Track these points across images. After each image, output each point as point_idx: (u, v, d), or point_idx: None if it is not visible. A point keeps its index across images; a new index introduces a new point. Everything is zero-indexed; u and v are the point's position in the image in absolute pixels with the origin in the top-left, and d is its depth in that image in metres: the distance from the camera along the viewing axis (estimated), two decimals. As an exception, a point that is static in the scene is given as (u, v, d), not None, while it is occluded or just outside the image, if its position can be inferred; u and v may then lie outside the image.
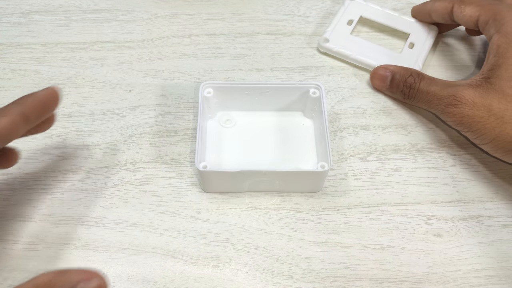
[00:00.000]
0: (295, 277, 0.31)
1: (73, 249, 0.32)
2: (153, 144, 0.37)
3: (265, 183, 0.33)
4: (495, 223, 0.34)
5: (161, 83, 0.40)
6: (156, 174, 0.36)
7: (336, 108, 0.39)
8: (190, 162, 0.36)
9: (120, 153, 0.36)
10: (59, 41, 0.43)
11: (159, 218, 0.34)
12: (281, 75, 0.41)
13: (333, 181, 0.36)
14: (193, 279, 0.31)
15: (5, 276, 0.31)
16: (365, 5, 0.45)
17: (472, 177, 0.36)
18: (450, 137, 0.38)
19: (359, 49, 0.42)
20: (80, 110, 0.39)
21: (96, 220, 0.33)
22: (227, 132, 0.37)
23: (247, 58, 0.42)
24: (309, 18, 0.46)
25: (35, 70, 0.41)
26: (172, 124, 0.38)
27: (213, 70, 0.41)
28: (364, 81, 0.41)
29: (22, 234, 0.33)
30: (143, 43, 0.43)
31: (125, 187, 0.35)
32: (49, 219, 0.33)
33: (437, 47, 0.44)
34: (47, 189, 0.35)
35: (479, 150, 0.37)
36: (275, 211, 0.34)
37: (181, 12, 0.46)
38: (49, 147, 0.37)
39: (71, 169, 0.36)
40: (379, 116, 0.39)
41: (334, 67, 0.42)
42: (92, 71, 0.41)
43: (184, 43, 0.43)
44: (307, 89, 0.36)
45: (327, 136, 0.33)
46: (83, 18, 0.45)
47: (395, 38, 0.44)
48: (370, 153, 0.37)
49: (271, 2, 0.47)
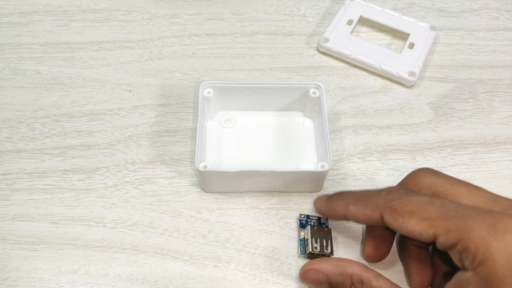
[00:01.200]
0: (295, 277, 0.31)
1: (73, 249, 0.32)
2: (153, 144, 0.37)
3: (265, 183, 0.33)
4: (495, 223, 0.34)
5: (161, 83, 0.40)
6: (156, 174, 0.35)
7: (336, 108, 0.39)
8: (190, 162, 0.36)
9: (120, 153, 0.36)
10: (59, 41, 0.43)
11: (159, 218, 0.34)
12: (281, 75, 0.41)
13: (333, 181, 0.36)
14: (193, 279, 0.31)
15: (5, 276, 0.31)
16: (365, 5, 0.45)
17: (472, 177, 0.36)
18: (450, 137, 0.38)
19: (359, 49, 0.42)
20: (80, 110, 0.39)
21: (96, 220, 0.33)
22: (227, 132, 0.37)
23: (247, 58, 0.42)
24: (309, 18, 0.46)
25: (35, 70, 0.41)
26: (172, 124, 0.38)
27: (213, 70, 0.41)
28: (364, 81, 0.41)
29: (22, 234, 0.33)
30: (143, 43, 0.43)
31: (125, 187, 0.35)
32: (49, 219, 0.33)
33: (437, 47, 0.44)
34: (47, 189, 0.35)
35: (479, 150, 0.37)
36: (275, 211, 0.34)
37: (181, 12, 0.46)
38: (49, 147, 0.37)
39: (71, 169, 0.36)
40: (379, 116, 0.39)
41: (334, 67, 0.42)
42: (92, 71, 0.41)
43: (184, 43, 0.43)
44: (307, 89, 0.36)
45: (327, 136, 0.33)
46: (83, 18, 0.45)
47: (395, 38, 0.44)
48: (370, 153, 0.37)
49: (271, 2, 0.47)
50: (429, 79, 0.42)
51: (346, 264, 0.28)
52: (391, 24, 0.44)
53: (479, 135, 0.38)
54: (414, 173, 0.28)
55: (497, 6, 0.47)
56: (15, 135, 0.37)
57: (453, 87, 0.41)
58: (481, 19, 0.46)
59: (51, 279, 0.31)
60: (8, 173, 0.35)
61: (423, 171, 0.28)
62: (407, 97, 0.40)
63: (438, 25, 0.45)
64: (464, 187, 0.26)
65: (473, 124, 0.39)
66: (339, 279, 0.28)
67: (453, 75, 0.42)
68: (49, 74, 0.41)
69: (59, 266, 0.32)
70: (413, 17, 0.44)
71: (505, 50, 0.44)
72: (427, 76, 0.42)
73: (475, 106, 0.40)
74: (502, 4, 0.47)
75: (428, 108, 0.40)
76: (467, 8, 0.47)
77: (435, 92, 0.41)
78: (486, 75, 0.42)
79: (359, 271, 0.28)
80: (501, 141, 0.38)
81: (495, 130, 0.39)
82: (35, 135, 0.37)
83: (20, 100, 0.39)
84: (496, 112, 0.40)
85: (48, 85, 0.40)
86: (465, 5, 0.47)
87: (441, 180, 0.27)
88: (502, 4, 0.47)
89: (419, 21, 0.44)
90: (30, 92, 0.40)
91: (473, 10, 0.47)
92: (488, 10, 0.47)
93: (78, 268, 0.31)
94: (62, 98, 0.39)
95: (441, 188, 0.26)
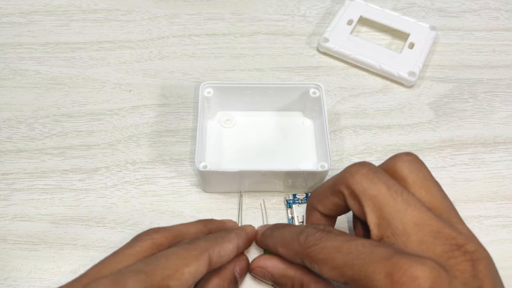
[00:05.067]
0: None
1: (73, 249, 0.32)
2: (153, 144, 0.37)
3: (265, 183, 0.33)
4: (495, 223, 0.34)
5: (161, 83, 0.40)
6: (156, 174, 0.35)
7: (336, 108, 0.39)
8: (190, 162, 0.36)
9: (120, 153, 0.36)
10: (59, 41, 0.43)
11: (159, 218, 0.34)
12: (281, 75, 0.41)
13: (333, 181, 0.36)
14: (193, 279, 0.31)
15: (5, 276, 0.31)
16: (365, 5, 0.45)
17: (472, 177, 0.36)
18: (450, 137, 0.38)
19: (359, 49, 0.42)
20: (80, 110, 0.39)
21: (96, 220, 0.33)
22: (227, 132, 0.37)
23: (247, 58, 0.42)
24: (309, 18, 0.46)
25: (35, 70, 0.41)
26: (172, 124, 0.38)
27: (213, 70, 0.41)
28: (364, 81, 0.41)
29: (22, 234, 0.33)
30: (143, 43, 0.43)
31: (125, 187, 0.35)
32: (49, 219, 0.33)
33: (437, 47, 0.44)
34: (47, 189, 0.35)
35: (479, 150, 0.37)
36: (275, 211, 0.34)
37: (181, 12, 0.46)
38: (49, 147, 0.37)
39: (71, 169, 0.36)
40: (379, 116, 0.39)
41: (334, 67, 0.42)
42: (92, 71, 0.41)
43: (184, 43, 0.43)
44: (307, 89, 0.36)
45: (327, 136, 0.33)
46: (83, 18, 0.45)
47: (395, 38, 0.44)
48: (370, 153, 0.37)
49: (271, 2, 0.47)
50: (429, 79, 0.42)
51: (289, 266, 0.28)
52: (391, 24, 0.44)
53: (479, 135, 0.38)
54: (396, 158, 0.27)
55: (497, 6, 0.47)
56: (15, 135, 0.37)
57: (453, 87, 0.41)
58: (481, 19, 0.46)
59: (51, 279, 0.31)
60: (8, 173, 0.35)
61: (404, 160, 0.27)
62: (407, 97, 0.40)
63: (438, 25, 0.45)
64: (423, 191, 0.25)
65: (473, 124, 0.39)
66: (281, 280, 0.29)
67: (453, 75, 0.42)
68: (49, 74, 0.41)
69: (59, 266, 0.32)
70: (413, 17, 0.44)
71: (505, 50, 0.44)
72: (427, 76, 0.42)
73: (475, 106, 0.40)
74: (502, 4, 0.47)
75: (428, 108, 0.40)
76: (467, 8, 0.47)
77: (435, 92, 0.41)
78: (486, 75, 0.42)
79: (300, 275, 0.28)
80: (501, 141, 0.38)
81: (495, 130, 0.39)
82: (35, 135, 0.37)
83: (20, 100, 0.39)
84: (496, 112, 0.40)
85: (48, 85, 0.40)
86: (465, 5, 0.47)
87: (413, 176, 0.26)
88: (502, 4, 0.47)
89: (419, 21, 0.44)
90: (30, 92, 0.40)
91: (473, 10, 0.47)
92: (488, 10, 0.47)
93: (78, 268, 0.31)
94: (62, 98, 0.39)
95: (410, 180, 0.26)
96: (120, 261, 0.24)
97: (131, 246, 0.25)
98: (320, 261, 0.24)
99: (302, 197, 0.34)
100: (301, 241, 0.25)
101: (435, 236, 0.23)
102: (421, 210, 0.23)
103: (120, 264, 0.24)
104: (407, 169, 0.26)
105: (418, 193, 0.25)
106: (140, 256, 0.25)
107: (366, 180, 0.25)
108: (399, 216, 0.23)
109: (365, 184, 0.25)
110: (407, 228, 0.23)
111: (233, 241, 0.28)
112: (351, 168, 0.26)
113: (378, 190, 0.24)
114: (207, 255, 0.25)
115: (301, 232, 0.26)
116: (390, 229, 0.23)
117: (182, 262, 0.24)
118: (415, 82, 0.41)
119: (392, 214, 0.23)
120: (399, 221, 0.23)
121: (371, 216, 0.24)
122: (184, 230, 0.28)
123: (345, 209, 0.27)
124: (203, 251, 0.25)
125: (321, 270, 0.24)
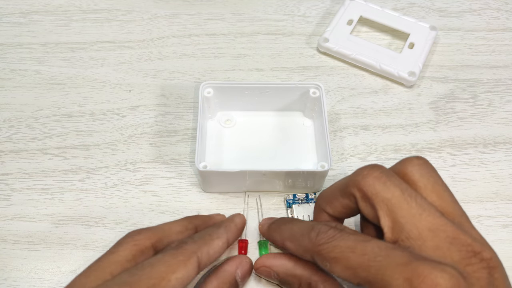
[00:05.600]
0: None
1: (73, 249, 0.32)
2: (153, 144, 0.37)
3: (265, 183, 0.33)
4: (495, 223, 0.34)
5: (161, 83, 0.40)
6: (156, 174, 0.35)
7: (336, 108, 0.39)
8: (190, 162, 0.36)
9: (120, 153, 0.36)
10: (59, 41, 0.43)
11: (159, 218, 0.34)
12: (281, 75, 0.41)
13: (333, 181, 0.35)
14: (193, 279, 0.31)
15: (5, 276, 0.31)
16: (365, 5, 0.45)
17: (472, 177, 0.36)
18: (450, 137, 0.38)
19: (359, 49, 0.42)
20: (80, 110, 0.39)
21: (96, 220, 0.33)
22: (227, 132, 0.37)
23: (247, 58, 0.42)
24: (309, 18, 0.46)
25: (35, 70, 0.41)
26: (172, 124, 0.38)
27: (213, 70, 0.41)
28: (364, 81, 0.41)
29: (22, 234, 0.33)
30: (143, 43, 0.43)
31: (125, 187, 0.35)
32: (49, 219, 0.33)
33: (437, 47, 0.44)
34: (47, 189, 0.35)
35: (479, 150, 0.37)
36: (275, 211, 0.34)
37: (181, 12, 0.46)
38: (49, 147, 0.37)
39: (71, 169, 0.36)
40: (379, 116, 0.39)
41: (334, 67, 0.42)
42: (92, 71, 0.41)
43: (184, 43, 0.43)
44: (307, 89, 0.36)
45: (327, 136, 0.33)
46: (83, 18, 0.45)
47: (395, 38, 0.44)
48: (370, 153, 0.37)
49: (271, 2, 0.47)
50: (429, 79, 0.42)
51: (296, 265, 0.28)
52: (391, 24, 0.44)
53: (479, 135, 0.38)
54: (406, 161, 0.26)
55: (497, 6, 0.47)
56: (15, 135, 0.37)
57: (453, 87, 0.41)
58: (481, 19, 0.46)
59: (51, 279, 0.31)
60: (8, 173, 0.35)
61: (415, 164, 0.26)
62: (407, 97, 0.40)
63: (438, 25, 0.45)
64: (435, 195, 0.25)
65: (473, 124, 0.39)
66: (288, 279, 0.28)
67: (453, 75, 0.42)
68: (49, 74, 0.41)
69: (59, 266, 0.32)
70: (413, 17, 0.44)
71: (505, 50, 0.44)
72: (427, 76, 0.42)
73: (475, 106, 0.40)
74: (502, 4, 0.47)
75: (428, 108, 0.40)
76: (467, 8, 0.47)
77: (435, 92, 0.41)
78: (486, 75, 0.42)
79: (308, 274, 0.27)
80: (501, 141, 0.38)
81: (495, 130, 0.39)
82: (35, 135, 0.37)
83: (20, 100, 0.39)
84: (496, 112, 0.40)
85: (48, 85, 0.40)
86: (465, 5, 0.47)
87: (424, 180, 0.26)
88: (502, 4, 0.47)
89: (419, 21, 0.44)
90: (30, 92, 0.40)
91: (473, 10, 0.47)
92: (488, 10, 0.47)
93: (78, 268, 0.31)
94: (62, 98, 0.39)
95: (421, 184, 0.25)
96: (104, 269, 0.24)
97: (113, 252, 0.25)
98: (332, 259, 0.23)
99: (302, 197, 0.34)
100: (312, 238, 0.25)
101: (451, 242, 0.22)
102: (436, 215, 0.23)
103: (104, 272, 0.23)
104: (418, 173, 0.25)
105: (429, 198, 0.24)
106: (124, 262, 0.24)
107: (378, 183, 0.24)
108: (413, 221, 0.23)
109: (378, 187, 0.24)
110: (422, 233, 0.23)
111: (222, 237, 0.27)
112: (363, 170, 0.25)
113: (392, 194, 0.24)
114: (195, 258, 0.24)
115: (312, 228, 0.25)
116: (404, 233, 0.23)
117: (169, 269, 0.23)
118: (415, 82, 0.41)
119: (406, 218, 0.23)
120: (414, 225, 0.23)
121: (385, 220, 0.24)
122: (168, 229, 0.27)
123: (355, 212, 0.27)
124: (191, 254, 0.24)
125: (332, 269, 0.24)
